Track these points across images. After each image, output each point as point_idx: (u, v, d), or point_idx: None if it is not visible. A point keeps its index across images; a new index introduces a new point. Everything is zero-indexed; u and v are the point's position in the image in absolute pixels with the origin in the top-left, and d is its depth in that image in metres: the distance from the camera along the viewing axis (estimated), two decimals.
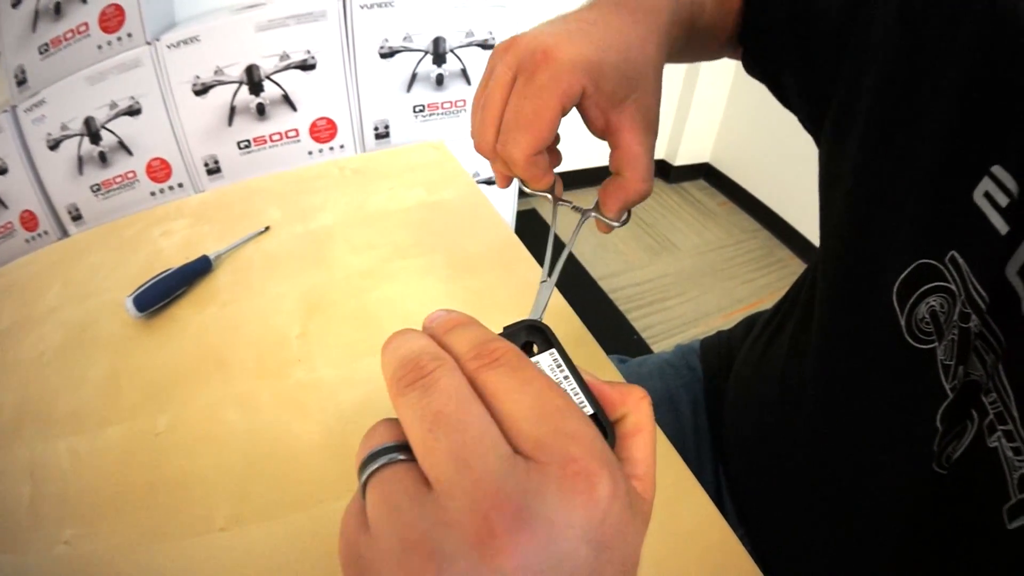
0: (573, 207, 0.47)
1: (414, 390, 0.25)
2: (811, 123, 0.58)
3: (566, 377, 0.29)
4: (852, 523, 0.53)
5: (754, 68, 0.62)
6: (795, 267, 2.49)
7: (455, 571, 0.21)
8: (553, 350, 0.30)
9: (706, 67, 2.60)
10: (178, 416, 0.61)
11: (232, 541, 0.51)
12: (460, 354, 0.27)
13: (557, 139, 0.45)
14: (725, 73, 2.66)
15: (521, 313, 0.45)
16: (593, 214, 0.46)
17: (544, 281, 0.41)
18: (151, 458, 0.58)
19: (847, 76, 0.50)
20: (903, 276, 0.44)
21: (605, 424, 0.28)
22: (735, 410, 0.74)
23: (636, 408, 0.29)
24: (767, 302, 0.84)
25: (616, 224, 0.46)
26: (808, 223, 2.48)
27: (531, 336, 0.31)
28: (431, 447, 0.23)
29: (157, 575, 0.50)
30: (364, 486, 0.25)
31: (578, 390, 0.29)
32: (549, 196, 0.46)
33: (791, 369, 0.62)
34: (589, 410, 0.28)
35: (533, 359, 0.30)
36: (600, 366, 0.63)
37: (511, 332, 0.31)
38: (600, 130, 0.45)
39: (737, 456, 0.73)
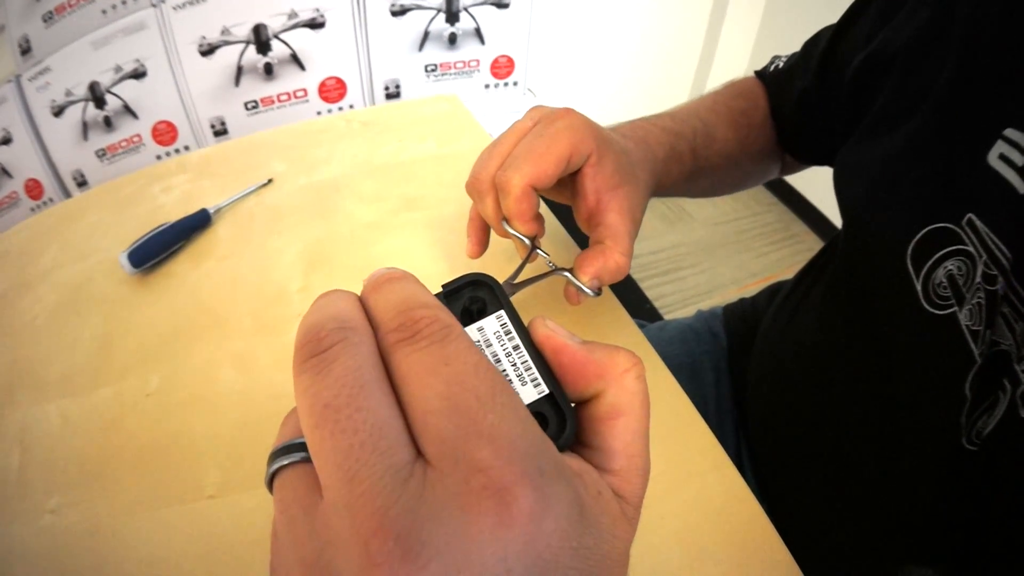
0: (549, 262, 0.46)
1: (307, 370, 0.20)
2: None
3: (516, 347, 0.24)
4: (879, 501, 0.51)
5: (808, 160, 0.70)
6: (811, 242, 2.45)
7: None
8: (501, 311, 0.26)
9: (724, 39, 2.53)
10: (170, 376, 0.58)
11: (221, 509, 0.48)
12: (381, 323, 0.22)
13: (542, 221, 0.46)
14: (744, 42, 2.59)
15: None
16: (567, 274, 0.45)
17: (507, 281, 0.40)
18: (141, 421, 0.55)
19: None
20: (916, 240, 0.44)
21: (564, 407, 0.23)
22: (760, 380, 0.71)
23: (616, 383, 0.23)
24: (781, 276, 0.81)
25: (588, 292, 0.45)
26: (825, 199, 2.42)
27: (476, 294, 0.26)
28: (317, 447, 0.19)
29: (142, 545, 0.47)
30: (271, 485, 0.22)
31: (530, 363, 0.24)
32: (527, 241, 0.45)
33: (819, 339, 0.61)
34: (544, 389, 0.24)
35: (476, 324, 0.25)
36: (623, 329, 0.59)
37: (452, 290, 0.27)
38: (591, 206, 0.46)
39: (760, 429, 0.70)
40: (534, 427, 0.20)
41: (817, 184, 2.46)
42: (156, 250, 0.68)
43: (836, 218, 2.07)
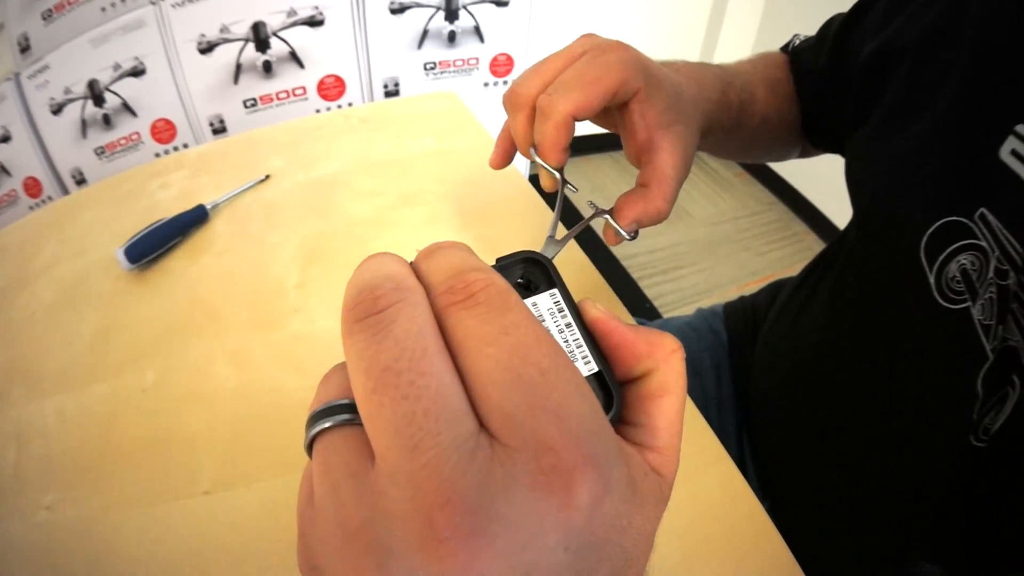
0: (591, 203, 0.45)
1: (363, 330, 0.19)
2: None
3: (568, 325, 0.24)
4: (885, 498, 0.51)
5: (820, 144, 0.69)
6: (811, 242, 2.45)
7: (399, 569, 0.17)
8: (555, 290, 0.25)
9: (724, 35, 2.53)
10: (166, 372, 0.57)
11: (216, 505, 0.48)
12: (432, 285, 0.21)
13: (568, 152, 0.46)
14: (744, 41, 2.59)
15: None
16: (607, 216, 0.45)
17: (551, 236, 0.39)
18: (136, 417, 0.55)
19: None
20: (930, 233, 0.43)
21: (612, 386, 0.23)
22: (763, 377, 0.71)
23: (665, 363, 0.23)
24: (781, 275, 0.80)
25: (625, 235, 0.44)
26: (825, 198, 2.43)
27: (529, 271, 0.26)
28: (373, 413, 0.18)
29: (137, 541, 0.47)
30: (310, 448, 0.21)
31: (582, 341, 0.24)
32: (557, 175, 0.44)
33: (826, 335, 0.60)
34: (593, 367, 0.24)
35: (531, 299, 0.25)
36: None
37: (505, 265, 0.26)
38: (641, 143, 0.44)
39: (764, 426, 0.70)
40: (596, 405, 0.19)
41: (817, 183, 2.45)
42: (153, 246, 0.67)
43: (836, 217, 2.05)
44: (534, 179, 0.46)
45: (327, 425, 0.20)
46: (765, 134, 0.66)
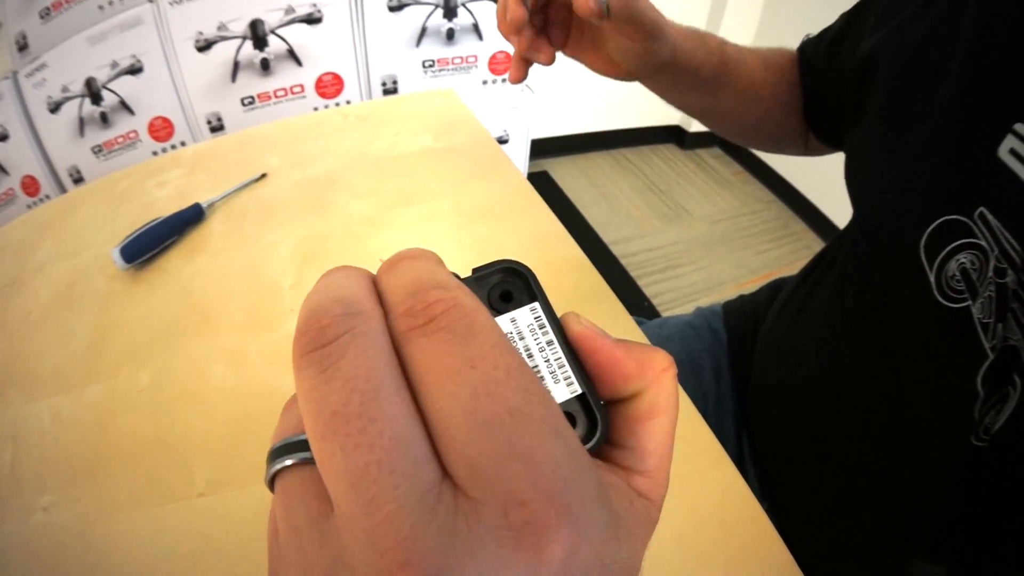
0: None
1: (310, 365, 0.17)
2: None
3: (550, 342, 0.22)
4: (885, 498, 0.51)
5: (823, 139, 0.68)
6: (809, 240, 2.44)
7: None
8: (535, 303, 0.23)
9: (724, 31, 2.52)
10: (161, 373, 0.57)
11: (211, 507, 0.47)
12: (392, 305, 0.19)
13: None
14: (743, 39, 2.58)
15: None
16: None
17: None
18: (132, 418, 0.54)
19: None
20: (929, 231, 0.44)
21: (596, 409, 0.21)
22: (763, 376, 0.70)
23: (656, 383, 0.22)
24: (780, 274, 0.80)
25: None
26: (824, 197, 2.42)
27: (509, 283, 0.24)
28: (325, 461, 0.16)
29: (132, 544, 0.46)
30: (272, 483, 0.19)
31: (564, 361, 0.22)
32: None
33: (827, 334, 0.60)
34: (577, 388, 0.22)
35: (506, 315, 0.23)
36: (621, 325, 0.59)
37: (482, 275, 0.24)
38: None
39: (764, 426, 0.69)
40: (573, 444, 0.18)
41: (816, 182, 2.45)
42: (148, 245, 0.67)
43: (835, 216, 2.04)
44: (533, 178, 0.46)
45: (287, 464, 0.19)
46: (755, 104, 0.66)
